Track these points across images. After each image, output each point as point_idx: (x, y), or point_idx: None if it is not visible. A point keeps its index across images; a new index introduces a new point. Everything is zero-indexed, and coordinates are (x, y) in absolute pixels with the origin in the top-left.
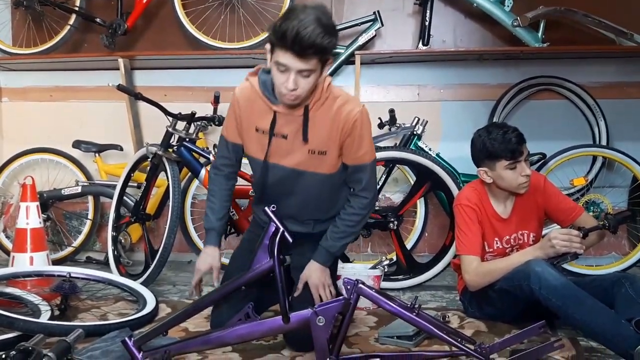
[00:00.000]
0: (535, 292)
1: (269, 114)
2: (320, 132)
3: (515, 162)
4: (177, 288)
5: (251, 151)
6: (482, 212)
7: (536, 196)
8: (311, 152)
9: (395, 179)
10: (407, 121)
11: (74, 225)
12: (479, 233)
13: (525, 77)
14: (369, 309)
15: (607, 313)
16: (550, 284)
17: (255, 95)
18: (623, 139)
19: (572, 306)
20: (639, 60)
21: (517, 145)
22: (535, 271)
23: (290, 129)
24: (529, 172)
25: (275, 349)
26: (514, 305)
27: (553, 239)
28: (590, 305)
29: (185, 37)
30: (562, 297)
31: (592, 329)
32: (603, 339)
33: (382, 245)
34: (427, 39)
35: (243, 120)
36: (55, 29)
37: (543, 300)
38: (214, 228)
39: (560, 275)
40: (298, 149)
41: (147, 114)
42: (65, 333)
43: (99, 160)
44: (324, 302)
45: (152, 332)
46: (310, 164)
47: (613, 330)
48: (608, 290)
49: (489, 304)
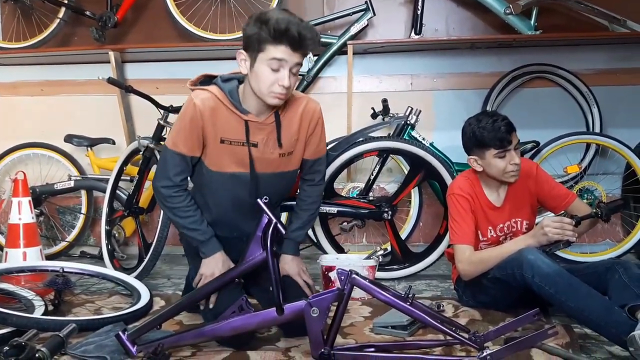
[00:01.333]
0: (528, 280)
1: (238, 124)
2: (290, 134)
3: (505, 151)
4: (171, 281)
5: (215, 165)
6: (475, 201)
7: (528, 184)
8: (281, 155)
9: (389, 169)
10: (400, 111)
11: (68, 219)
12: (472, 222)
13: (518, 65)
14: (364, 299)
15: (600, 300)
16: (543, 272)
17: (218, 105)
18: (616, 125)
19: (565, 293)
20: (631, 47)
21: (506, 134)
22: (528, 259)
23: (259, 137)
24: (517, 161)
25: (269, 341)
26: (507, 293)
27: (545, 226)
28: (583, 292)
29: (176, 29)
30: (555, 284)
31: (586, 315)
32: (596, 325)
33: (377, 235)
34: (420, 28)
35: (208, 132)
36: (44, 23)
37: (536, 288)
38: (211, 235)
39: (553, 263)
40: (269, 155)
41: (138, 107)
42: (59, 328)
43: (91, 154)
44: (316, 292)
45: (146, 325)
46: (279, 165)
47: (606, 317)
48: (602, 277)
49: (482, 292)
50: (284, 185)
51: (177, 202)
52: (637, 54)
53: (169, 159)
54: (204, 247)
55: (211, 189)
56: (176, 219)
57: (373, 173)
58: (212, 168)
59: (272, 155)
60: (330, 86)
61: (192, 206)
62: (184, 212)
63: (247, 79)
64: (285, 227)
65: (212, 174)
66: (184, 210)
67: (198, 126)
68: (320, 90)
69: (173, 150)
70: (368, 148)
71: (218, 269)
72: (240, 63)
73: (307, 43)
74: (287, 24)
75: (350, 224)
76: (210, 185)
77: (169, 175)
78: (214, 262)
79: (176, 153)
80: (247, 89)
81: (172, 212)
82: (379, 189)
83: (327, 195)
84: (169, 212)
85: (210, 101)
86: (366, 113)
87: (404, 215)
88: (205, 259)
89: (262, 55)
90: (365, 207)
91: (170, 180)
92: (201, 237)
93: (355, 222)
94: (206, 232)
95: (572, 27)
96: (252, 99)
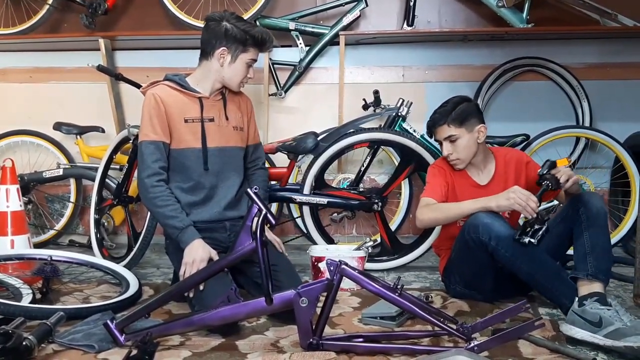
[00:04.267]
0: (484, 243)
1: (195, 103)
2: (235, 110)
3: (438, 143)
4: (160, 270)
5: (184, 143)
6: (456, 178)
7: (518, 168)
8: (235, 129)
9: (380, 161)
10: (391, 102)
11: (56, 208)
12: (444, 187)
13: (509, 58)
14: (353, 290)
15: (550, 265)
16: (498, 235)
17: (173, 92)
18: (606, 119)
19: (519, 257)
20: (622, 41)
21: (432, 127)
22: (484, 223)
23: (214, 112)
24: (445, 153)
25: (258, 331)
26: (476, 263)
27: (512, 192)
28: (536, 257)
29: (167, 17)
30: (510, 247)
31: (536, 279)
32: (544, 288)
33: (367, 226)
34: (412, 20)
35: (173, 115)
36: (33, 9)
37: (492, 251)
38: (190, 223)
39: (509, 227)
40: (225, 127)
41: (128, 95)
42: (47, 316)
43: (81, 142)
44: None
45: (135, 314)
46: (237, 138)
47: (554, 282)
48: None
49: (460, 271)
50: (234, 159)
51: (157, 192)
52: (628, 49)
53: (144, 151)
54: (183, 235)
55: (175, 168)
56: (157, 209)
57: (364, 164)
58: (175, 147)
59: (228, 127)
60: (322, 77)
61: (170, 196)
62: (163, 200)
63: (214, 69)
64: (275, 216)
65: (176, 153)
66: (163, 199)
67: (160, 111)
68: (312, 81)
69: (145, 140)
70: (359, 139)
71: (198, 255)
72: (220, 58)
73: (270, 44)
74: (261, 32)
75: (340, 215)
76: (174, 165)
77: (148, 164)
78: (194, 249)
79: (149, 142)
80: (204, 77)
81: (153, 203)
82: (370, 180)
83: (318, 185)
84: (150, 203)
85: (164, 89)
86: (357, 104)
87: (394, 206)
88: (185, 249)
89: (244, 55)
90: (356, 198)
91: (150, 168)
92: (179, 223)
93: (345, 213)
94: (184, 220)
95: (563, 21)
96: (207, 84)
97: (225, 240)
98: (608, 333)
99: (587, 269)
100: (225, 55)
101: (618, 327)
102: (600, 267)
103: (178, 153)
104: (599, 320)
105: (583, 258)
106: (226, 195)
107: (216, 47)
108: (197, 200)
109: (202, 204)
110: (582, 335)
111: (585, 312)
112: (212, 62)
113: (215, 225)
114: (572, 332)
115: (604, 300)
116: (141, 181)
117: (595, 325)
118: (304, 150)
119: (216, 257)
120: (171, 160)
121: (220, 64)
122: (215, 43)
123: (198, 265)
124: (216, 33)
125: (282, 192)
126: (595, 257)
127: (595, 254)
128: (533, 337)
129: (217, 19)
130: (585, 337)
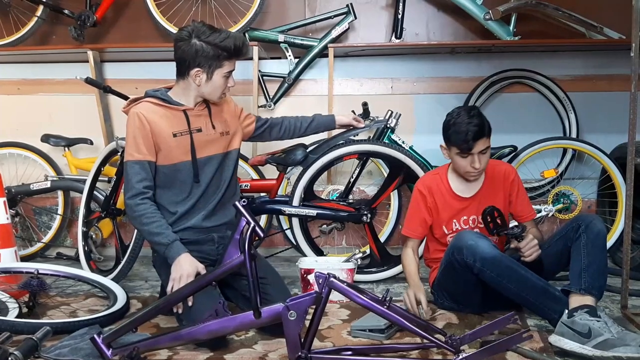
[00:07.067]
0: (469, 265)
1: (180, 116)
2: (220, 115)
3: (467, 154)
4: (149, 283)
5: (175, 158)
6: (437, 196)
7: (505, 184)
8: (222, 134)
9: (369, 172)
10: (380, 114)
11: (44, 220)
12: (423, 221)
13: (497, 70)
14: (342, 302)
15: (535, 282)
16: (483, 256)
17: (157, 108)
18: (593, 131)
19: (505, 277)
20: (608, 54)
21: (472, 140)
22: (468, 245)
23: (200, 122)
24: (478, 166)
25: (247, 344)
26: (462, 282)
27: (407, 295)
28: (521, 275)
29: (157, 29)
30: (495, 267)
31: (524, 297)
32: (533, 305)
33: (357, 238)
34: (400, 32)
35: (160, 131)
36: (22, 21)
37: (478, 272)
38: (176, 238)
39: (494, 247)
40: (212, 135)
41: (117, 107)
42: (33, 331)
43: (69, 154)
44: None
45: (122, 328)
46: (225, 144)
47: (541, 298)
48: (570, 237)
49: (447, 288)
50: (224, 165)
51: (142, 210)
52: (613, 61)
53: (129, 171)
54: (169, 251)
55: (167, 184)
56: (143, 227)
57: (353, 176)
58: (163, 163)
59: (215, 135)
60: (311, 89)
61: (156, 212)
62: (148, 218)
63: (192, 87)
64: (263, 229)
65: (167, 169)
66: (148, 216)
67: (145, 130)
68: (301, 93)
69: (130, 160)
70: (348, 151)
71: (185, 270)
72: (195, 78)
73: (246, 50)
74: (234, 41)
75: (329, 226)
76: (165, 181)
77: (132, 184)
78: (181, 265)
79: (134, 162)
80: (184, 92)
81: (139, 221)
82: (359, 192)
83: (307, 197)
84: (136, 222)
85: (148, 106)
86: None
87: (384, 218)
88: (173, 264)
89: (219, 70)
90: (345, 210)
91: (134, 189)
92: (165, 240)
93: (334, 224)
94: (170, 235)
95: (550, 34)
96: (190, 98)
97: (213, 254)
98: (597, 344)
99: (581, 284)
100: (200, 75)
101: (607, 338)
102: (594, 284)
103: (169, 168)
104: (588, 331)
105: (578, 274)
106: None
107: (190, 68)
108: (187, 209)
109: (191, 212)
110: (571, 346)
111: (575, 323)
112: (189, 81)
113: (204, 239)
114: (560, 344)
115: (594, 312)
116: (126, 202)
117: (584, 336)
118: (293, 162)
119: (203, 271)
120: (162, 177)
121: (197, 84)
122: (188, 64)
123: (185, 281)
124: (187, 54)
125: (271, 204)
126: (591, 275)
127: (590, 272)
128: (521, 348)
129: (186, 38)
130: (574, 348)
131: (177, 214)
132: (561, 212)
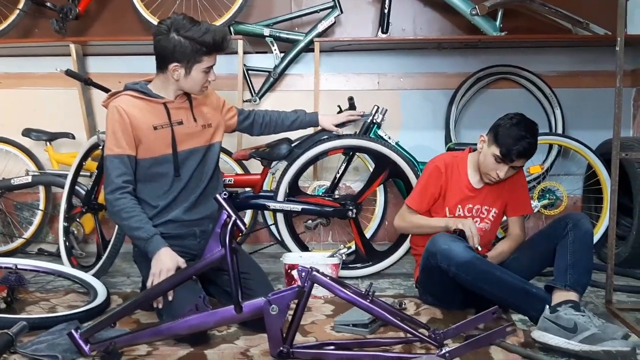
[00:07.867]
0: (444, 269)
1: (161, 109)
2: (201, 108)
3: (502, 162)
4: (130, 279)
5: (156, 151)
6: (453, 177)
7: (510, 181)
8: (204, 127)
9: (355, 168)
10: (366, 109)
11: (25, 216)
12: (431, 199)
13: (483, 66)
14: (327, 298)
15: (513, 282)
16: (457, 261)
17: (137, 101)
18: (578, 127)
19: (481, 280)
20: (594, 50)
21: (516, 154)
22: (442, 249)
23: (181, 115)
24: (502, 176)
25: (229, 340)
26: (440, 283)
27: (470, 225)
28: (497, 276)
29: (140, 23)
30: (470, 271)
31: (503, 298)
32: (513, 305)
33: (343, 234)
34: (387, 27)
35: (140, 125)
36: (3, 13)
37: (454, 276)
38: (155, 233)
39: (468, 250)
40: (194, 128)
41: (99, 101)
42: (10, 326)
43: (50, 149)
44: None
45: (100, 323)
46: (207, 137)
47: (521, 298)
48: (559, 233)
49: (429, 287)
50: (206, 158)
51: (121, 204)
52: (599, 57)
53: (109, 165)
54: (149, 245)
55: (148, 178)
56: (122, 222)
57: (339, 171)
58: (144, 157)
59: (197, 128)
60: (297, 84)
61: (136, 207)
62: (128, 212)
63: (172, 81)
64: (244, 223)
65: (147, 162)
66: (127, 210)
67: (125, 124)
68: (287, 88)
69: (109, 155)
70: (333, 146)
71: (165, 265)
72: (173, 72)
73: (227, 45)
74: (213, 35)
75: (314, 222)
76: (146, 175)
77: (112, 179)
78: (161, 259)
79: (113, 156)
80: (164, 85)
81: (118, 216)
82: (346, 188)
83: (292, 192)
84: (116, 217)
85: (128, 100)
86: (333, 111)
87: (370, 214)
88: (153, 258)
89: (198, 65)
90: (330, 205)
91: (113, 183)
92: (144, 234)
93: (320, 220)
94: (150, 230)
95: (536, 30)
96: (170, 91)
97: (195, 248)
98: (584, 338)
99: (566, 280)
100: (179, 70)
101: (594, 332)
102: (579, 281)
103: (149, 162)
104: (574, 326)
105: (564, 271)
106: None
107: (168, 62)
108: (168, 202)
109: (172, 206)
110: (557, 341)
111: (560, 318)
112: (167, 75)
113: (186, 233)
114: (545, 339)
115: (577, 307)
116: (105, 197)
117: (570, 331)
118: (277, 157)
119: (184, 265)
120: (142, 170)
121: (176, 78)
122: (166, 58)
123: (165, 275)
124: (165, 49)
125: (256, 199)
126: (576, 272)
127: (576, 269)
128: (505, 343)
129: (164, 32)
130: (560, 344)
131: (158, 208)
132: (547, 208)
